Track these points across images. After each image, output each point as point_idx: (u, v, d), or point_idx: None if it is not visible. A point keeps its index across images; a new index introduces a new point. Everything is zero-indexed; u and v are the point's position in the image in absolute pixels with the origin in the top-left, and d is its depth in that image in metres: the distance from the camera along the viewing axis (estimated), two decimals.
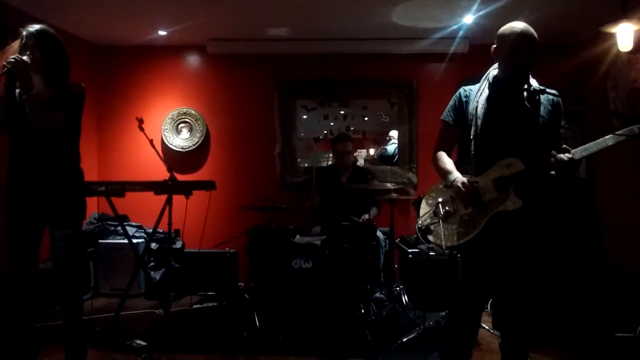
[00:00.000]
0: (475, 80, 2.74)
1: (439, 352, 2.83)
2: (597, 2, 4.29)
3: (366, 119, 5.91)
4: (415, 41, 5.47)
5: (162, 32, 5.36)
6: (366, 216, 4.69)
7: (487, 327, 3.95)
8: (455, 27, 5.09)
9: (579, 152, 2.41)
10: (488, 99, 2.59)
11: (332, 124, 5.90)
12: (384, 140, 5.95)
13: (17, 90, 2.80)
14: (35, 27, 2.80)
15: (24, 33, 2.78)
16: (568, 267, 4.27)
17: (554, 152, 2.40)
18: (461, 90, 2.72)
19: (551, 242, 4.25)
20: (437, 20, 4.93)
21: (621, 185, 4.82)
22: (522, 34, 2.48)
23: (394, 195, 4.37)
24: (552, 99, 2.57)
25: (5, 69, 2.59)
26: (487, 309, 4.28)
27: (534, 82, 2.55)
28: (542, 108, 2.54)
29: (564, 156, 2.38)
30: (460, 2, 4.40)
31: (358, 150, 5.83)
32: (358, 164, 5.56)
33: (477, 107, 2.59)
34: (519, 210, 2.47)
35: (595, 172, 5.26)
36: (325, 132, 5.91)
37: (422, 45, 5.48)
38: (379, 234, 4.64)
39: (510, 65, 2.49)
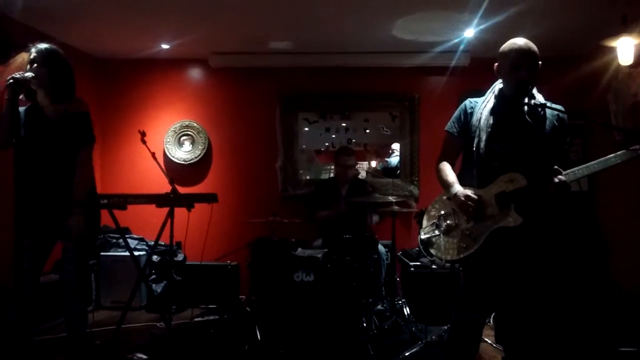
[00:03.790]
0: (476, 93, 2.75)
1: None
2: (597, 16, 4.32)
3: (368, 131, 5.93)
4: (417, 54, 5.51)
5: (164, 46, 5.40)
6: (376, 217, 4.67)
7: (489, 341, 3.93)
8: (456, 40, 5.12)
9: (571, 175, 2.41)
10: (492, 111, 2.60)
11: (333, 136, 5.91)
12: (386, 152, 5.96)
13: (23, 108, 2.85)
14: (44, 45, 2.88)
15: (33, 49, 2.84)
16: (570, 282, 4.26)
17: (558, 177, 2.40)
18: (467, 102, 2.73)
19: (553, 256, 4.24)
20: (438, 34, 4.96)
21: (623, 198, 4.82)
22: (522, 50, 2.49)
23: (396, 207, 4.37)
24: (558, 115, 2.57)
25: (9, 82, 2.62)
26: (489, 322, 4.26)
27: (539, 97, 2.56)
28: (547, 123, 2.54)
29: (557, 179, 2.39)
30: (461, 16, 4.43)
31: (359, 163, 5.85)
32: (360, 176, 5.57)
33: (480, 118, 2.60)
34: (520, 226, 2.47)
35: (598, 186, 5.26)
36: (327, 144, 5.93)
37: (423, 58, 5.52)
38: (380, 247, 4.63)
39: (513, 82, 2.50)
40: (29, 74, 2.71)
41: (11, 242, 2.64)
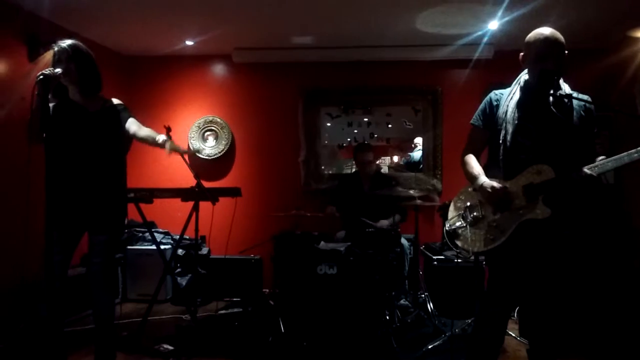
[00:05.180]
0: (500, 86, 2.73)
1: (464, 359, 2.81)
2: (624, 6, 4.24)
3: (390, 125, 5.91)
4: (440, 47, 5.47)
5: (189, 42, 5.45)
6: (385, 222, 4.64)
7: (513, 335, 3.91)
8: (479, 33, 5.07)
9: (598, 168, 2.37)
10: (518, 103, 2.57)
11: (356, 131, 5.91)
12: (408, 147, 5.94)
13: (51, 104, 2.91)
14: (67, 42, 2.93)
15: (56, 49, 2.90)
16: (597, 275, 4.21)
17: (584, 169, 2.37)
18: (492, 94, 2.71)
19: (580, 249, 4.19)
20: (461, 27, 4.92)
21: None
22: (548, 40, 2.46)
23: (419, 201, 4.36)
24: (585, 105, 2.54)
25: (39, 78, 2.67)
26: (513, 316, 4.23)
27: (565, 87, 2.54)
28: (574, 114, 2.51)
29: (586, 171, 2.36)
30: (484, 8, 4.39)
31: (382, 158, 5.84)
32: (382, 171, 5.57)
33: (507, 111, 2.58)
34: (548, 218, 2.45)
35: (624, 178, 5.18)
36: (349, 139, 5.93)
37: (446, 51, 5.48)
38: (403, 240, 4.63)
39: (538, 71, 2.47)
40: (58, 70, 2.76)
41: (40, 237, 2.71)
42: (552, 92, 2.45)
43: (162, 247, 4.76)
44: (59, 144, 2.87)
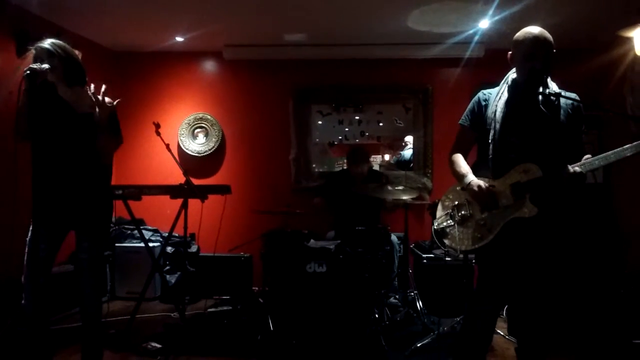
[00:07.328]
0: (491, 85, 2.73)
1: (453, 357, 2.82)
2: (614, 6, 4.26)
3: (381, 124, 5.91)
4: (431, 46, 5.48)
5: (179, 39, 5.42)
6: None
7: (502, 333, 3.92)
8: (471, 31, 5.08)
9: (587, 165, 2.38)
10: (507, 102, 2.57)
11: (347, 129, 5.91)
12: (399, 145, 5.94)
13: (40, 100, 2.87)
14: (47, 41, 2.90)
15: (32, 50, 2.87)
16: (585, 274, 4.23)
17: (569, 166, 2.38)
18: (480, 93, 2.71)
19: (568, 248, 4.21)
20: (452, 25, 4.93)
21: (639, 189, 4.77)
22: (537, 39, 2.46)
23: (409, 199, 4.36)
24: (573, 104, 2.54)
25: (26, 73, 2.64)
26: (502, 315, 4.25)
27: (553, 86, 2.54)
28: (562, 112, 2.52)
29: (572, 169, 2.36)
30: (476, 7, 4.40)
31: (373, 156, 5.83)
32: (373, 168, 5.56)
33: (495, 110, 2.58)
34: (535, 216, 2.45)
35: (613, 177, 5.21)
36: (340, 137, 5.92)
37: (437, 50, 5.49)
38: (393, 238, 4.63)
39: (526, 70, 2.48)
40: (45, 65, 2.73)
41: (22, 233, 2.68)
42: (540, 90, 2.46)
43: (151, 244, 4.73)
44: (45, 142, 2.84)
